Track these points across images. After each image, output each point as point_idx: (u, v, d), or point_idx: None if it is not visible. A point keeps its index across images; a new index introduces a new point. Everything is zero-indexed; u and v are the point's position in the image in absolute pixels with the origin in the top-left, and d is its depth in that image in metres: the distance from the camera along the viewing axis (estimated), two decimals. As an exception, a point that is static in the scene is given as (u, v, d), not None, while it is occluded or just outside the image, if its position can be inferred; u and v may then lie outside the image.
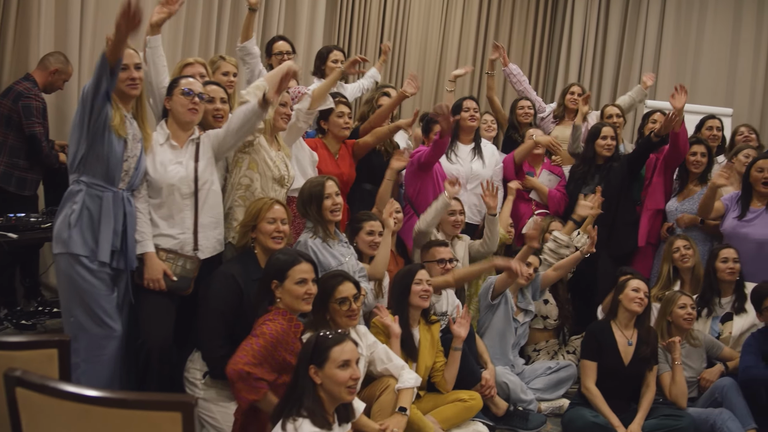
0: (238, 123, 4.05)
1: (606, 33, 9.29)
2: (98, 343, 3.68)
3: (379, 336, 4.16)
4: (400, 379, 3.88)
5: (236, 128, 4.06)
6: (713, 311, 5.11)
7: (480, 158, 5.82)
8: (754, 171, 5.40)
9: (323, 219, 4.28)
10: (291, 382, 3.08)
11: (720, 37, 8.82)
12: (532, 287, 5.14)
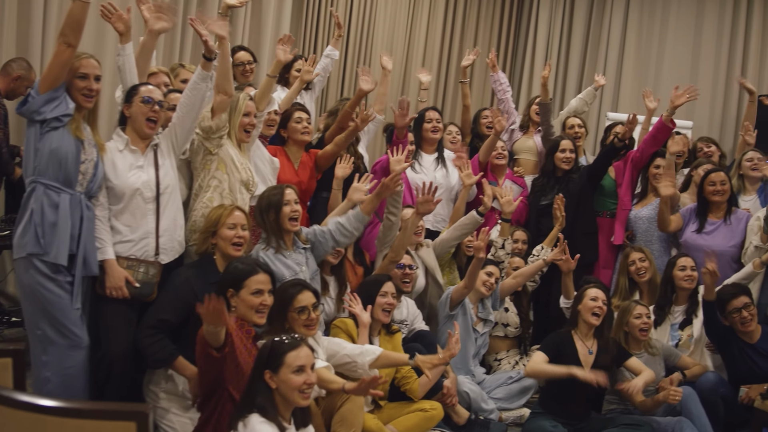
0: (188, 97, 4.07)
1: (569, 44, 9.37)
2: (67, 354, 3.66)
3: (340, 334, 4.18)
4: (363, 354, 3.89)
5: (187, 103, 4.07)
6: (667, 319, 5.18)
7: (444, 167, 5.85)
8: (707, 185, 5.49)
9: (281, 227, 4.24)
10: (246, 387, 3.09)
11: (681, 50, 8.94)
12: (491, 296, 5.16)
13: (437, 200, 4.88)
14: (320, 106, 7.81)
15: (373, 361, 3.84)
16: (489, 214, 5.89)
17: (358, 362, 3.85)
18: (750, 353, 4.73)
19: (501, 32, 9.60)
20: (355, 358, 3.87)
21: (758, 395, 4.50)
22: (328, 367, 3.74)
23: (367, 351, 3.90)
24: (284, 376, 2.99)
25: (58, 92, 3.62)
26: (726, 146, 8.22)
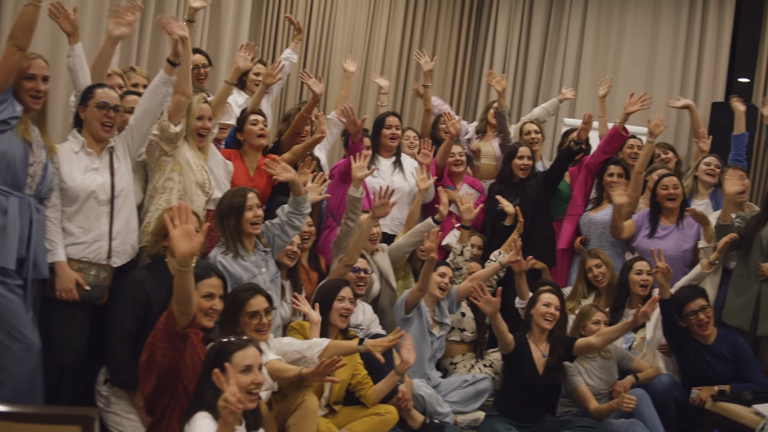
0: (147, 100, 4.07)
1: (527, 50, 9.42)
2: (19, 358, 3.62)
3: (297, 336, 4.18)
4: (311, 348, 3.89)
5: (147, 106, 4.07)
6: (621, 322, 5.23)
7: (401, 172, 5.87)
8: (660, 189, 5.55)
9: (241, 232, 4.22)
10: (195, 388, 3.10)
11: (637, 58, 9.03)
12: (447, 300, 5.16)
13: (392, 203, 4.90)
14: (278, 110, 7.78)
15: (322, 351, 3.84)
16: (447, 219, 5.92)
17: (308, 356, 3.84)
18: (705, 354, 4.80)
19: (460, 38, 9.64)
20: (304, 353, 3.87)
21: (709, 397, 4.57)
22: (281, 360, 3.73)
23: (315, 344, 3.91)
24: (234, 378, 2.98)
25: (5, 95, 3.58)
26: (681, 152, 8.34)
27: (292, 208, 4.44)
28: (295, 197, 4.46)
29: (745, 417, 4.36)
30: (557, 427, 4.58)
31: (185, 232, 3.08)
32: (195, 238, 3.09)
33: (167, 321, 3.21)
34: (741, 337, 4.88)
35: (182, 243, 3.05)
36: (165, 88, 4.06)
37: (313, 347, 3.88)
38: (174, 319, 3.17)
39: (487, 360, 5.41)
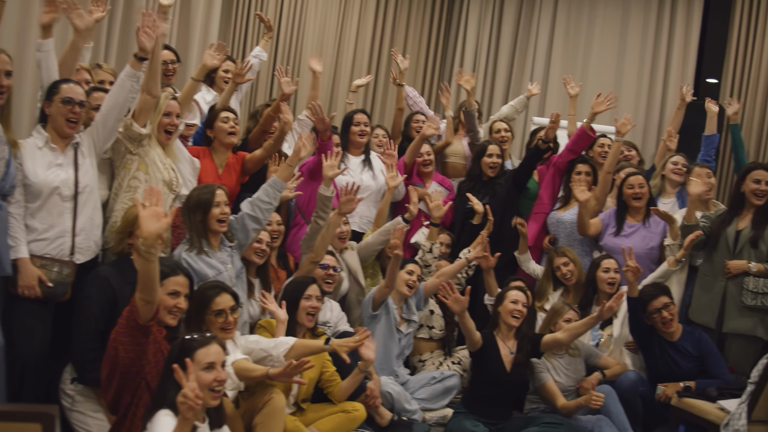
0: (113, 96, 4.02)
1: (498, 50, 9.45)
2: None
3: (264, 334, 4.16)
4: (278, 347, 3.87)
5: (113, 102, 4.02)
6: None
7: (370, 170, 5.87)
8: (626, 188, 5.59)
9: (207, 228, 4.20)
10: (158, 385, 3.09)
11: (606, 58, 9.09)
12: (415, 297, 5.17)
13: (359, 199, 4.90)
14: (247, 108, 7.74)
15: (288, 351, 3.82)
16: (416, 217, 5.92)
17: (273, 355, 3.83)
18: (670, 351, 4.84)
19: (430, 37, 9.65)
20: (270, 351, 3.85)
21: (675, 393, 4.61)
22: (248, 360, 3.71)
23: (281, 343, 3.89)
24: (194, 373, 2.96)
25: None
26: (649, 151, 8.41)
27: (263, 193, 4.41)
28: (275, 179, 4.45)
29: (710, 413, 4.40)
30: (524, 424, 4.59)
31: (154, 212, 3.11)
32: (163, 219, 3.12)
33: (129, 314, 3.20)
34: (706, 334, 4.92)
35: (150, 223, 3.08)
36: (131, 83, 4.02)
37: (279, 346, 3.87)
38: (136, 310, 3.16)
39: (455, 357, 5.42)
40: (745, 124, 8.25)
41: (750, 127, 8.25)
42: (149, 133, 4.29)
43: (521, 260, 5.75)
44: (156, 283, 3.19)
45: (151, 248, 3.09)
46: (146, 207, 3.13)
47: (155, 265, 3.15)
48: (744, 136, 8.11)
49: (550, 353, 4.88)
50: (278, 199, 4.53)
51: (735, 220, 5.14)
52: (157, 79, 4.19)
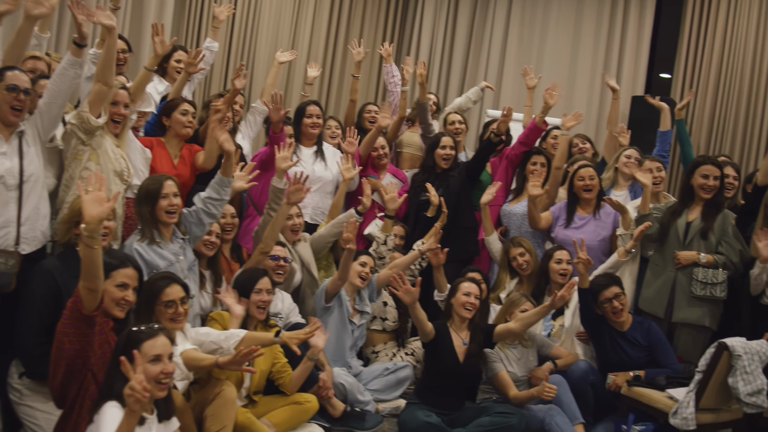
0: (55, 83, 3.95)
1: (453, 41, 9.50)
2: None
3: (216, 326, 4.12)
4: (228, 339, 3.83)
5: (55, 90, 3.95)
6: None
7: (322, 161, 5.85)
8: (576, 180, 5.63)
9: (156, 219, 4.16)
10: (105, 377, 3.05)
11: (560, 51, 9.19)
12: (368, 288, 5.17)
13: (307, 189, 4.89)
14: (202, 99, 7.66)
15: (238, 343, 3.78)
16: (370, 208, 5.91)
17: (224, 347, 3.79)
18: (620, 341, 4.88)
19: (386, 28, 9.66)
20: (221, 344, 3.81)
21: (625, 382, 4.66)
22: (197, 350, 3.68)
23: (232, 335, 3.85)
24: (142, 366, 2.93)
25: None
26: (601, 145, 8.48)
27: (212, 191, 4.39)
28: (220, 176, 4.41)
29: (659, 401, 4.45)
30: (477, 414, 4.60)
31: (96, 197, 3.10)
32: (105, 204, 3.11)
33: (74, 305, 3.16)
34: (655, 323, 4.97)
35: (92, 207, 3.08)
36: (73, 71, 3.95)
37: (230, 338, 3.83)
38: (80, 300, 3.13)
39: (408, 348, 5.43)
40: (696, 118, 8.40)
41: (701, 121, 8.39)
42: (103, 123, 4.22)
43: (489, 242, 5.76)
44: (99, 270, 3.16)
45: (94, 233, 3.07)
46: (89, 192, 3.11)
47: (98, 252, 3.12)
48: (695, 130, 8.30)
49: (504, 343, 4.90)
50: (228, 194, 4.49)
51: (685, 212, 5.20)
52: (112, 69, 4.14)
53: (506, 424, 4.51)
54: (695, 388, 4.30)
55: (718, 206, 5.14)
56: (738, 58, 8.21)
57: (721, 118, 8.28)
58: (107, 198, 3.15)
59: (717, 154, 6.58)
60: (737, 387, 4.24)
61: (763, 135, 7.95)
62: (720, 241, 5.05)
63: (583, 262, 4.83)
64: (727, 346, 4.24)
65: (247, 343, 3.78)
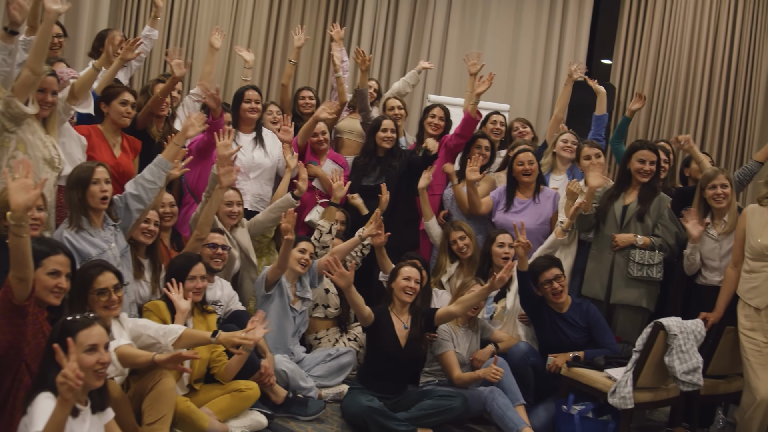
0: None
1: (395, 28, 9.48)
2: None
3: (152, 317, 4.06)
4: (167, 334, 3.76)
5: None
6: None
7: (262, 147, 5.79)
8: (516, 165, 5.67)
9: (87, 206, 4.08)
10: (39, 367, 3.00)
11: (501, 36, 9.23)
12: (309, 275, 5.14)
13: (237, 169, 4.85)
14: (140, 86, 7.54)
15: (176, 340, 3.73)
16: (311, 195, 5.89)
17: (162, 343, 3.73)
18: (559, 323, 4.93)
19: (328, 14, 9.60)
20: (159, 339, 3.74)
21: (564, 363, 4.71)
22: (132, 346, 3.62)
23: (170, 331, 3.79)
24: (76, 355, 2.87)
25: None
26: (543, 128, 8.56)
27: (149, 173, 4.33)
28: (161, 158, 4.36)
29: (598, 381, 4.51)
30: (419, 398, 4.62)
31: (22, 184, 3.06)
32: (32, 191, 3.06)
33: (4, 295, 3.10)
34: (593, 305, 5.03)
35: (18, 194, 3.03)
36: (1, 57, 3.86)
37: (168, 334, 3.77)
38: (11, 290, 3.07)
39: (351, 334, 5.43)
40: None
41: (639, 106, 8.50)
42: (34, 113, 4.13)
43: (428, 226, 5.77)
44: (28, 259, 3.10)
45: (21, 221, 3.01)
46: (15, 179, 3.05)
47: (26, 241, 3.07)
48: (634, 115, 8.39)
49: (455, 323, 4.93)
50: (164, 179, 4.43)
51: (622, 196, 5.26)
52: (42, 57, 4.05)
53: (448, 407, 4.54)
54: (633, 367, 4.37)
55: (655, 190, 5.21)
56: (675, 44, 8.35)
57: (659, 103, 8.43)
58: (34, 185, 3.09)
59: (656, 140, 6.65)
60: (673, 366, 4.32)
61: (700, 120, 8.11)
62: (656, 223, 5.12)
63: (523, 246, 4.86)
64: (663, 325, 4.32)
65: (184, 341, 3.75)
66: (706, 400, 4.92)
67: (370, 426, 4.36)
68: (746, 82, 7.97)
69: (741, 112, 7.98)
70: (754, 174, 5.62)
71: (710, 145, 8.00)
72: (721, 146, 8.03)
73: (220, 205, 4.95)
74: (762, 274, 4.40)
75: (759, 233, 4.42)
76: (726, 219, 4.94)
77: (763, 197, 4.55)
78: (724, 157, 7.99)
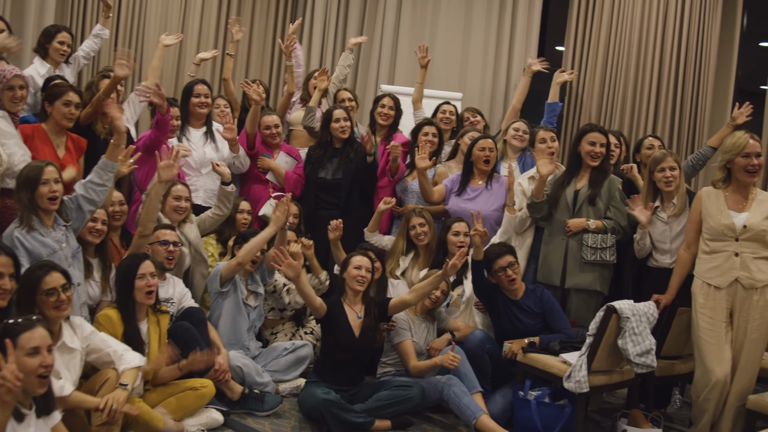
0: None
1: (347, 19, 9.43)
2: None
3: (104, 331, 3.99)
4: (122, 361, 3.73)
5: None
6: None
7: (213, 142, 5.75)
8: (476, 150, 5.67)
9: (36, 206, 4.01)
10: None
11: (453, 26, 9.22)
12: (259, 270, 5.10)
13: (179, 165, 4.78)
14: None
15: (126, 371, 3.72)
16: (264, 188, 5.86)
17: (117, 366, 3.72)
18: (514, 310, 4.96)
19: (278, 8, 9.53)
20: (114, 361, 3.74)
21: (520, 349, 4.73)
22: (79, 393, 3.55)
23: (126, 360, 3.75)
24: (18, 359, 2.81)
25: None
26: (496, 117, 8.63)
27: (95, 176, 4.26)
28: (105, 160, 4.30)
29: (554, 366, 4.54)
30: (376, 389, 4.61)
31: None
32: None
33: None
34: (547, 291, 5.06)
35: None
36: None
37: (123, 361, 3.74)
38: None
39: (308, 327, 5.41)
40: (587, 90, 8.59)
41: (591, 93, 8.58)
42: None
43: (368, 236, 5.75)
44: None
45: None
46: None
47: None
48: (586, 102, 8.50)
49: (412, 312, 4.92)
50: (112, 180, 4.37)
51: (573, 181, 5.29)
52: None
53: (405, 397, 4.54)
54: (587, 351, 4.40)
55: (605, 173, 5.25)
56: (625, 29, 8.40)
57: (610, 90, 8.48)
58: None
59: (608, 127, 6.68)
60: (627, 348, 4.36)
61: (651, 104, 8.16)
62: (608, 206, 5.16)
63: (480, 234, 4.87)
64: (616, 309, 4.35)
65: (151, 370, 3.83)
66: (661, 380, 4.97)
67: (327, 419, 4.34)
68: (696, 66, 8.04)
69: (692, 97, 8.05)
70: (708, 159, 5.69)
71: (662, 130, 8.06)
72: (672, 130, 8.10)
73: (168, 199, 4.90)
74: (723, 253, 4.44)
75: (717, 214, 4.46)
76: (675, 201, 4.99)
77: (717, 180, 4.59)
78: (676, 142, 8.06)
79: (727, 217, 4.43)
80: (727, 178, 4.56)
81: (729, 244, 4.42)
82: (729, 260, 4.41)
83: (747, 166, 4.42)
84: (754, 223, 4.36)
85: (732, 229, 4.39)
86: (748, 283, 4.37)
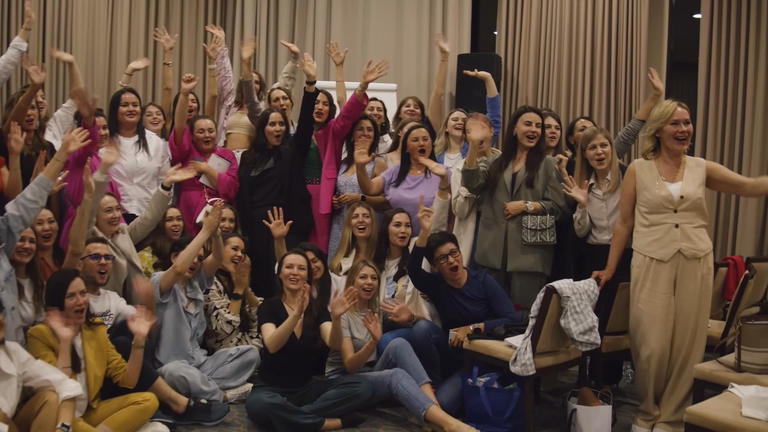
0: None
1: (278, 18, 9.31)
2: None
3: (37, 344, 3.89)
4: (60, 390, 3.65)
5: None
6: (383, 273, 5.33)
7: (145, 151, 5.66)
8: (410, 141, 5.67)
9: None
10: None
11: (385, 17, 9.15)
12: (198, 276, 5.01)
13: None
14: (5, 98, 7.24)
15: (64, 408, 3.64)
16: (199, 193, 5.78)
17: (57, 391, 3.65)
18: (457, 298, 4.95)
19: (207, 12, 9.40)
20: (54, 386, 3.66)
21: (465, 336, 4.72)
22: None
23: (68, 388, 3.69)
24: None
25: None
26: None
27: (30, 193, 4.17)
28: (42, 177, 4.22)
29: (500, 351, 4.52)
30: (323, 388, 4.58)
31: None
32: None
33: None
34: (489, 275, 5.07)
35: None
36: None
37: (65, 388, 3.67)
38: None
39: (253, 332, 5.35)
40: (522, 72, 8.61)
41: (526, 76, 8.61)
42: None
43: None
44: None
45: None
46: None
47: None
48: (521, 85, 8.54)
49: (352, 309, 4.89)
50: (45, 198, 4.27)
51: (511, 164, 5.29)
52: None
53: (353, 394, 4.51)
54: (530, 333, 4.39)
55: (541, 154, 5.26)
56: (556, 10, 8.43)
57: (545, 72, 8.51)
58: None
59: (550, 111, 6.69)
60: (569, 327, 4.36)
61: (586, 85, 8.19)
62: (546, 186, 5.17)
63: (428, 213, 4.88)
64: (556, 289, 4.35)
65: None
66: (610, 356, 4.99)
67: (275, 423, 4.30)
68: (628, 42, 8.07)
69: (625, 73, 8.08)
70: (638, 132, 5.73)
71: (598, 108, 8.10)
72: (609, 110, 8.13)
73: (99, 213, 4.82)
74: (663, 226, 4.43)
75: (653, 186, 4.46)
76: (609, 178, 5.01)
77: (647, 150, 4.59)
78: (613, 122, 8.09)
79: (662, 188, 4.43)
80: (656, 147, 4.57)
81: (668, 216, 4.43)
82: (670, 232, 4.42)
83: (676, 133, 4.42)
84: (690, 192, 4.37)
85: (670, 200, 4.39)
86: (691, 253, 4.38)
